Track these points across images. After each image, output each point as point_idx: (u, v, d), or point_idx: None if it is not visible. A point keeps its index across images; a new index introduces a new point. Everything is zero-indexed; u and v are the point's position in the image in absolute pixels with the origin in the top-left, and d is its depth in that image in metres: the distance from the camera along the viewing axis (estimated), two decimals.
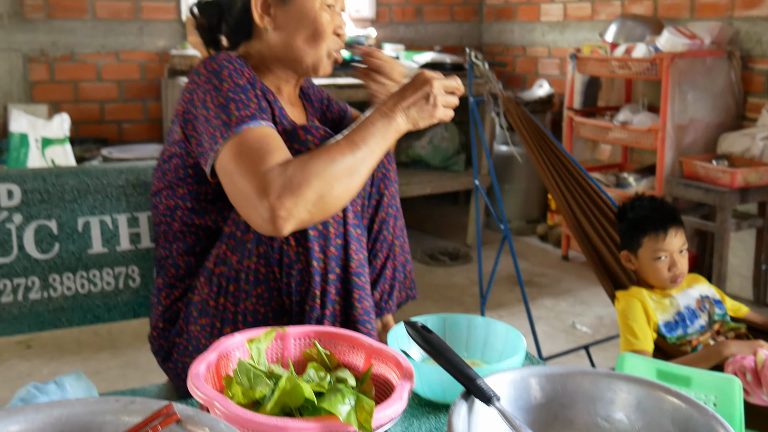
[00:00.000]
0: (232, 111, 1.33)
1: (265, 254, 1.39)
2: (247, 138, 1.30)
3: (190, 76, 1.46)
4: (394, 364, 1.11)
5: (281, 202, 1.22)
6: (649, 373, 1.61)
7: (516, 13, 5.20)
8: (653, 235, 2.12)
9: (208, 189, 1.50)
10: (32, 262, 1.62)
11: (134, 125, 4.45)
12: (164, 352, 1.56)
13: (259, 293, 1.41)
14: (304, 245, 1.36)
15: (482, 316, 1.42)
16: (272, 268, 1.39)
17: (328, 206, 1.28)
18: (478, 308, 3.36)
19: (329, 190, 1.26)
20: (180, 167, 1.50)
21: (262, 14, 1.49)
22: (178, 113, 1.47)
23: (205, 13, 1.59)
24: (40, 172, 1.65)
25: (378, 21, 5.10)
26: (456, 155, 4.62)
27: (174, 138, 1.50)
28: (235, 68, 1.42)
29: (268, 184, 1.23)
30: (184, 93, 1.45)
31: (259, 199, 1.23)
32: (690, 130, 3.64)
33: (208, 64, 1.42)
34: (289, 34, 1.50)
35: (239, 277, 1.42)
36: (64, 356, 2.91)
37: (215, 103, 1.36)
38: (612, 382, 1.04)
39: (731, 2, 3.73)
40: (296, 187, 1.23)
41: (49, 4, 4.11)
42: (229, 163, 1.29)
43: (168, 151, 1.53)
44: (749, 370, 1.74)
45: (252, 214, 1.26)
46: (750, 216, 3.55)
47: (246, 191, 1.25)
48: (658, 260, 2.10)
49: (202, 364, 1.05)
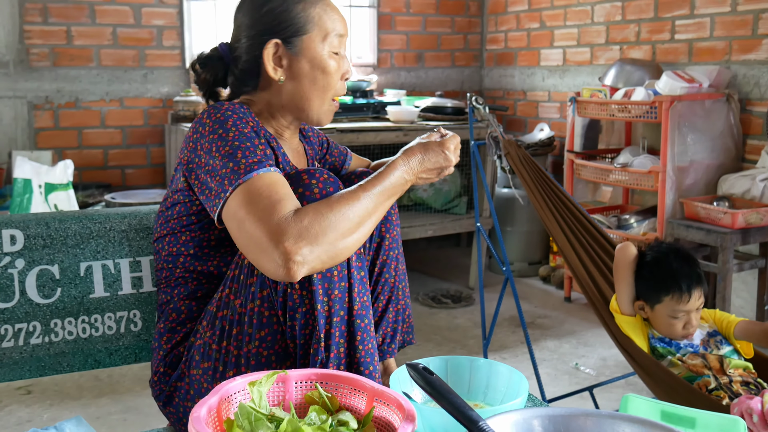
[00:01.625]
0: (240, 159, 1.35)
1: (269, 298, 1.39)
2: (256, 185, 1.31)
3: (193, 125, 1.47)
4: (396, 407, 1.10)
5: (297, 249, 1.24)
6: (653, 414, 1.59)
7: (516, 58, 5.26)
8: (677, 296, 2.09)
9: (211, 236, 1.51)
10: (34, 306, 1.62)
11: (137, 171, 4.48)
12: (165, 396, 1.56)
13: (262, 336, 1.41)
14: (308, 288, 1.36)
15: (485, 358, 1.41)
16: (276, 311, 1.39)
17: (340, 255, 1.31)
18: (481, 350, 3.35)
19: (342, 240, 1.30)
20: (183, 215, 1.51)
21: (275, 67, 1.53)
22: (181, 162, 1.48)
23: (208, 68, 1.61)
24: (43, 218, 1.66)
25: (379, 66, 5.16)
26: (458, 198, 4.64)
27: (177, 186, 1.51)
28: (239, 117, 1.44)
29: (282, 231, 1.25)
30: (188, 142, 1.47)
31: (273, 246, 1.24)
32: (690, 172, 3.66)
33: (212, 113, 1.44)
34: (300, 83, 1.54)
35: (242, 320, 1.42)
36: (65, 402, 2.90)
37: (222, 152, 1.37)
38: (615, 423, 1.04)
39: (728, 46, 3.78)
40: (313, 236, 1.26)
41: (55, 53, 4.17)
42: (239, 210, 1.30)
43: (171, 199, 1.54)
44: (755, 411, 1.73)
45: (264, 260, 1.27)
46: (752, 257, 3.55)
47: (258, 238, 1.26)
48: (675, 319, 2.10)
49: (203, 407, 1.04)
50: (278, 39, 1.52)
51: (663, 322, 2.12)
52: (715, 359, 2.05)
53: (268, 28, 1.53)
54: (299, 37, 1.53)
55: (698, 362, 2.05)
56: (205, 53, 1.63)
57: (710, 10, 3.87)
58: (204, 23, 4.58)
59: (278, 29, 1.52)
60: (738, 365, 2.06)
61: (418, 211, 4.60)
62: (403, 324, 1.76)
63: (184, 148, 1.48)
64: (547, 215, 2.65)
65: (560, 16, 4.86)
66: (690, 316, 2.09)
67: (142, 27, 4.37)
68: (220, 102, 1.50)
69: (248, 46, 1.55)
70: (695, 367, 2.04)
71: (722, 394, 1.97)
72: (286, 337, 1.40)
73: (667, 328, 2.11)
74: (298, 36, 1.52)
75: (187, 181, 1.47)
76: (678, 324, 2.09)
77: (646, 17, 4.25)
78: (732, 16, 3.76)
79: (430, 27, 5.35)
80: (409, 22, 5.26)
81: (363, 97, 4.34)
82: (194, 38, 4.54)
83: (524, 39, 5.17)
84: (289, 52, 1.53)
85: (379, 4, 5.13)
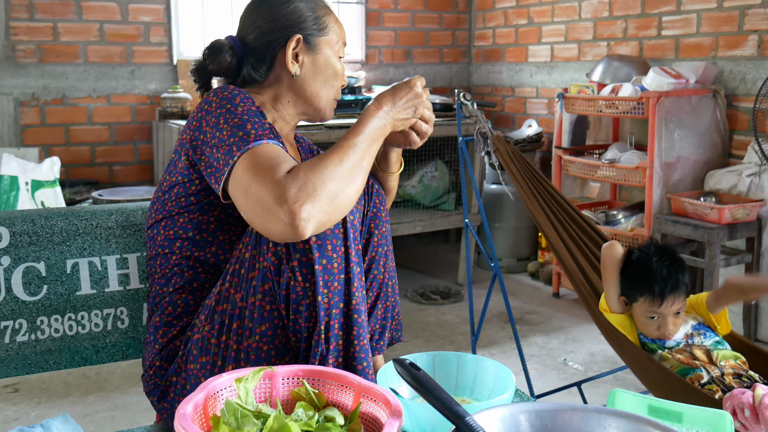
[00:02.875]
0: (249, 129, 1.38)
1: (270, 292, 1.40)
2: (265, 150, 1.34)
3: (198, 105, 1.50)
4: (383, 402, 1.10)
5: (300, 205, 1.25)
6: (640, 408, 1.60)
7: (504, 54, 5.27)
8: (649, 299, 2.11)
9: (210, 217, 1.52)
10: (20, 304, 1.61)
11: (125, 167, 4.46)
12: (160, 391, 1.55)
13: (263, 331, 1.41)
14: (310, 281, 1.37)
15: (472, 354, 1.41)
16: (278, 305, 1.40)
17: (342, 205, 1.33)
18: (469, 347, 3.35)
19: (341, 189, 1.31)
20: (182, 195, 1.52)
21: (293, 61, 1.60)
22: (183, 141, 1.50)
23: (215, 58, 1.63)
24: (29, 214, 1.65)
25: (368, 63, 5.15)
26: (446, 194, 4.64)
27: (177, 168, 1.53)
28: (246, 97, 1.48)
29: (283, 189, 1.26)
30: (192, 121, 1.49)
31: (278, 205, 1.25)
32: (677, 168, 3.67)
33: (218, 93, 1.48)
34: (314, 79, 1.63)
35: (243, 314, 1.42)
36: (52, 400, 2.88)
37: (230, 123, 1.40)
38: (602, 417, 1.04)
39: (714, 42, 3.80)
40: (312, 189, 1.27)
41: (42, 49, 4.14)
42: (245, 174, 1.31)
43: (168, 182, 1.55)
44: (747, 405, 1.73)
45: (271, 222, 1.27)
46: (739, 251, 3.57)
47: (263, 198, 1.27)
48: (650, 319, 2.12)
49: (189, 404, 1.04)
50: (301, 35, 1.59)
51: (639, 321, 2.16)
52: (701, 352, 2.06)
53: (294, 24, 1.60)
54: (319, 37, 1.62)
55: (684, 356, 2.06)
56: (217, 43, 1.64)
57: (696, 6, 3.88)
58: (191, 19, 4.57)
59: (303, 26, 1.60)
60: (727, 356, 2.06)
61: (406, 208, 4.60)
62: (392, 321, 1.76)
63: (188, 127, 1.50)
64: (537, 210, 2.65)
65: (548, 13, 4.86)
66: (666, 320, 2.10)
67: (130, 23, 4.35)
68: (225, 85, 1.52)
69: (268, 39, 1.60)
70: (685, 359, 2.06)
71: (715, 388, 1.97)
72: (289, 331, 1.40)
73: (642, 326, 2.16)
74: (318, 36, 1.62)
75: (189, 159, 1.49)
76: (652, 324, 2.12)
77: (633, 13, 4.26)
78: (718, 12, 3.77)
79: (418, 23, 5.34)
80: (397, 19, 5.26)
81: (351, 94, 4.33)
82: (182, 34, 4.52)
83: (512, 35, 5.17)
84: (308, 48, 1.60)
85: (367, 1, 5.12)
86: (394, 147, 1.68)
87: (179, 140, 1.53)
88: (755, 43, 3.61)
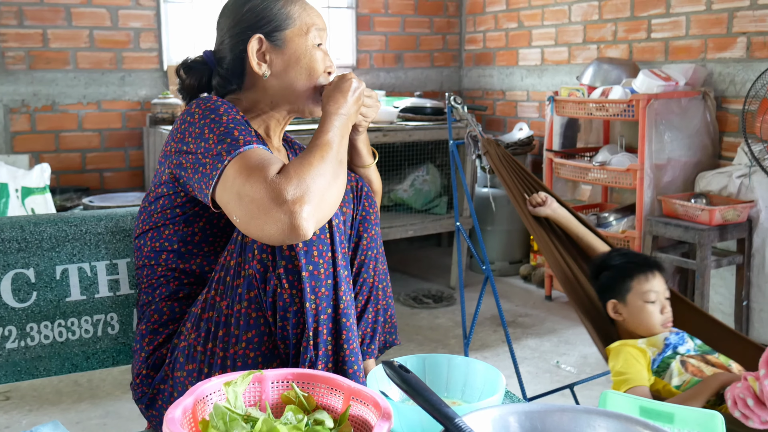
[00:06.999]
0: (237, 135, 1.36)
1: (257, 299, 1.39)
2: (253, 153, 1.33)
3: (180, 117, 1.47)
4: (372, 405, 1.10)
5: (300, 205, 1.25)
6: (632, 410, 1.60)
7: (495, 58, 5.28)
8: (642, 277, 2.11)
9: (195, 229, 1.51)
10: (9, 311, 1.60)
11: (116, 174, 4.45)
12: (148, 399, 1.54)
13: (249, 338, 1.40)
14: (297, 287, 1.36)
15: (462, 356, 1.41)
16: (264, 312, 1.39)
17: (332, 201, 1.33)
18: (462, 350, 3.35)
19: (329, 185, 1.32)
20: (167, 207, 1.51)
21: (259, 62, 1.55)
22: (166, 153, 1.48)
23: (192, 73, 1.62)
24: (18, 221, 1.64)
25: (358, 67, 5.16)
26: (438, 198, 4.64)
27: (161, 179, 1.51)
28: (229, 107, 1.45)
29: (280, 189, 1.25)
30: (175, 133, 1.46)
31: (277, 205, 1.24)
32: (668, 170, 3.68)
33: (201, 104, 1.45)
34: (286, 75, 1.57)
35: (229, 322, 1.41)
36: (44, 407, 2.87)
37: (216, 132, 1.37)
38: (591, 418, 1.04)
39: (704, 45, 3.82)
40: (305, 188, 1.26)
41: (31, 56, 4.13)
42: (237, 178, 1.29)
43: (154, 193, 1.53)
44: (750, 394, 1.72)
45: (269, 223, 1.25)
46: (729, 253, 3.58)
47: (260, 199, 1.25)
48: (650, 303, 2.10)
49: (178, 408, 1.04)
50: (261, 34, 1.54)
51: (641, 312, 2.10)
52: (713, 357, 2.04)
53: (251, 25, 1.55)
54: (282, 31, 1.55)
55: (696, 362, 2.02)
56: (189, 59, 1.64)
57: (686, 9, 3.90)
58: (181, 25, 4.56)
59: (260, 25, 1.55)
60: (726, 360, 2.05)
61: (398, 212, 4.60)
62: (385, 324, 1.75)
63: (170, 139, 1.47)
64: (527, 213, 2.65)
65: (538, 16, 4.88)
66: (663, 301, 2.10)
67: (119, 29, 4.34)
68: (207, 95, 1.50)
69: (232, 45, 1.57)
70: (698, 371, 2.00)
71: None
72: (277, 338, 1.40)
73: (647, 318, 2.09)
74: (280, 30, 1.55)
75: (172, 172, 1.46)
76: (655, 309, 2.09)
77: (623, 17, 4.27)
78: (707, 15, 3.79)
79: (408, 28, 5.35)
80: (388, 23, 5.27)
81: None
82: (171, 40, 4.51)
83: (502, 39, 5.19)
84: (273, 46, 1.55)
85: (357, 5, 5.13)
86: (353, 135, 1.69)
87: (163, 152, 1.50)
88: (744, 45, 3.63)
